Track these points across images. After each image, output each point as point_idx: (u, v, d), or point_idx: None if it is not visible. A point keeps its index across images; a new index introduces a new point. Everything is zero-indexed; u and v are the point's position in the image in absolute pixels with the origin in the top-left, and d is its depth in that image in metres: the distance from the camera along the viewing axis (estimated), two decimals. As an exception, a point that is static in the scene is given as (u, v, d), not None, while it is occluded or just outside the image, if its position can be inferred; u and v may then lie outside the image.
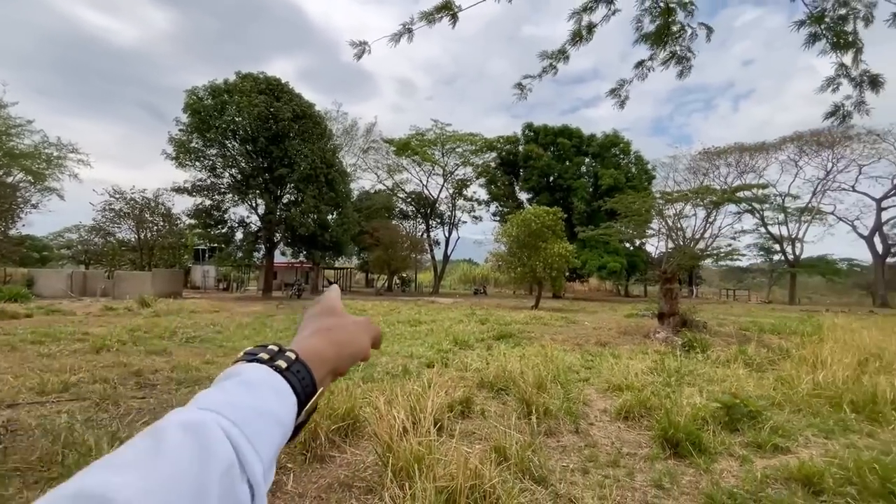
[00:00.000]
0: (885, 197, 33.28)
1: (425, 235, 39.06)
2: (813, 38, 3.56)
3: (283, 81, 24.26)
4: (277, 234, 25.63)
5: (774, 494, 3.02)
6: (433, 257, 39.18)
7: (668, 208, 14.36)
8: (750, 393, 5.10)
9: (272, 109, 22.57)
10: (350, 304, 19.21)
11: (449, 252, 39.79)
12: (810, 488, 3.08)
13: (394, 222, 37.47)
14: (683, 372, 6.41)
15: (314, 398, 0.47)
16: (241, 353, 0.48)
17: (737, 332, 10.86)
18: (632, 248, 34.06)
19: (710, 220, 12.89)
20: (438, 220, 40.72)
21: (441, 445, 3.28)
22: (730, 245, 14.35)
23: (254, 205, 25.09)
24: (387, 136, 36.91)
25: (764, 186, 31.98)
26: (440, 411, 3.97)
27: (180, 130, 22.81)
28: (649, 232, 17.00)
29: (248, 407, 0.40)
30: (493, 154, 38.17)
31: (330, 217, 26.75)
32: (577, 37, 3.97)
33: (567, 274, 29.00)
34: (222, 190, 24.54)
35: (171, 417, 0.37)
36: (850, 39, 3.45)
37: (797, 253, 36.96)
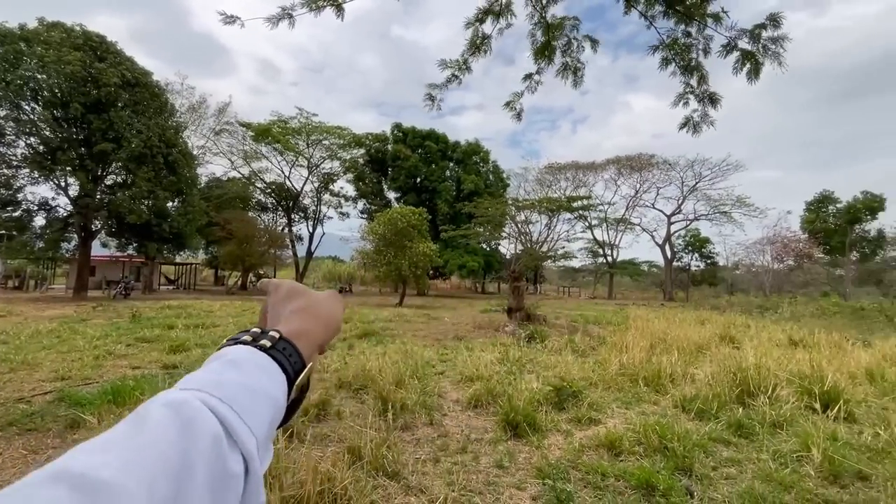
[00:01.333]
0: (673, 214, 42.76)
1: (286, 230, 36.61)
2: (665, 62, 4.02)
3: (108, 39, 20.22)
4: (97, 222, 21.26)
5: (587, 460, 3.61)
6: (295, 254, 36.91)
7: (518, 214, 16.00)
8: (575, 376, 5.98)
9: (92, 71, 18.65)
10: (194, 304, 16.96)
11: (313, 248, 37.99)
12: (613, 451, 3.76)
13: (250, 214, 34.30)
14: (525, 361, 7.22)
15: (303, 374, 0.48)
16: (225, 340, 0.48)
17: (569, 323, 12.63)
18: (488, 248, 37.15)
19: (552, 226, 14.79)
20: (302, 215, 38.57)
21: (292, 452, 3.16)
22: (564, 248, 16.64)
23: (63, 184, 20.35)
24: (243, 119, 33.56)
25: (589, 197, 38.07)
26: (292, 417, 3.79)
27: (-54, 79, 17.36)
28: (503, 235, 18.73)
29: (235, 384, 0.39)
30: (362, 150, 37.65)
31: (170, 204, 23.18)
32: (474, 47, 4.10)
33: (430, 272, 30.18)
34: (14, 163, 19.38)
35: (155, 398, 0.37)
36: (694, 65, 3.98)
37: (615, 256, 45.19)
